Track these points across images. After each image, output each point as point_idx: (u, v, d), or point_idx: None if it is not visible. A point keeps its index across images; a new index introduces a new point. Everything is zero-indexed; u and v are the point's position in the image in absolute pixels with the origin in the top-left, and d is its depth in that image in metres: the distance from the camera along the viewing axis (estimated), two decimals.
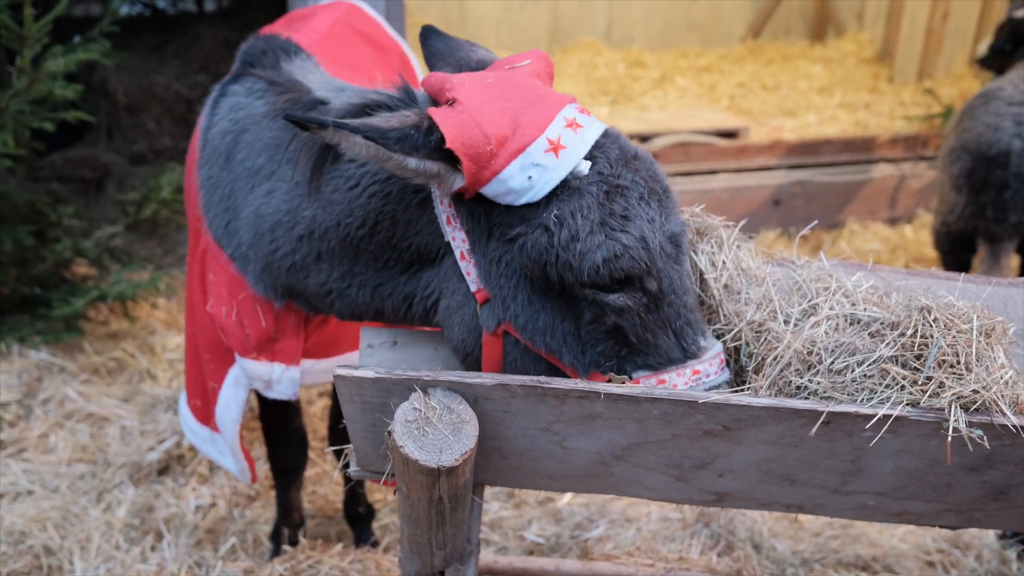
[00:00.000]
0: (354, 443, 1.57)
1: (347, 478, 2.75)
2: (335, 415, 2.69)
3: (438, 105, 1.46)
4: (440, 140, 1.36)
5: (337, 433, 2.60)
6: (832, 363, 1.43)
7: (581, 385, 1.36)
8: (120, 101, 5.74)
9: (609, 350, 1.46)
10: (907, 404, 1.36)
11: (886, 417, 1.34)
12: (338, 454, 2.57)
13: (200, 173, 2.03)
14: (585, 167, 1.42)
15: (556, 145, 1.39)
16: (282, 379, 2.07)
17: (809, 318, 1.52)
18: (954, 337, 1.40)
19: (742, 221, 1.78)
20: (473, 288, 1.51)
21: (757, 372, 1.51)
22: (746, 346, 1.55)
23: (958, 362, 1.38)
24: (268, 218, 1.78)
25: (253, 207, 1.83)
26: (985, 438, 1.34)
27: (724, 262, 1.64)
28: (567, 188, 1.41)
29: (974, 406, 1.36)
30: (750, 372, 1.52)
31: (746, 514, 2.89)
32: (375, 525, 2.90)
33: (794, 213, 5.43)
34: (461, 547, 1.68)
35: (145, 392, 3.60)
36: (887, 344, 1.42)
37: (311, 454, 3.17)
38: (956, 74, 6.71)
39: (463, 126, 1.36)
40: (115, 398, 3.56)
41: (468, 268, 1.51)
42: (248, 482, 2.41)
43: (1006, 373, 1.39)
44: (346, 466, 1.68)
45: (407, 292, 1.66)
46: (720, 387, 1.49)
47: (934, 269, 1.81)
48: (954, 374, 1.38)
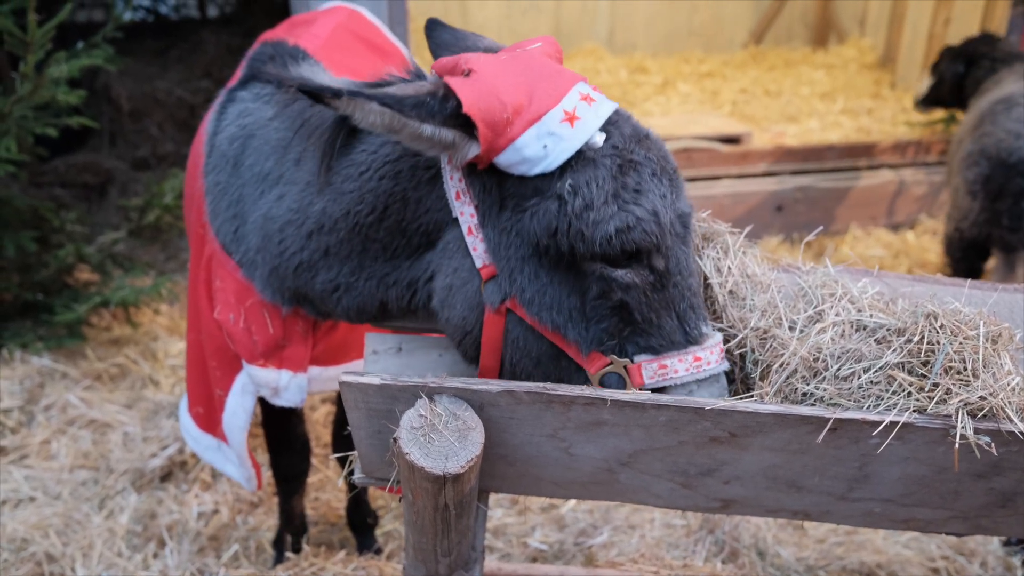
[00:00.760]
0: (359, 450, 1.56)
1: (351, 485, 2.75)
2: (339, 421, 2.68)
3: None
4: (456, 107, 1.36)
5: (341, 440, 2.59)
6: (838, 370, 1.43)
7: (587, 392, 1.36)
8: (123, 106, 5.75)
9: (613, 327, 1.45)
10: (914, 411, 1.36)
11: (893, 424, 1.34)
12: (342, 461, 2.56)
13: (206, 179, 2.02)
14: (600, 139, 1.42)
15: (571, 116, 1.40)
16: (290, 386, 2.06)
17: (815, 324, 1.52)
18: (961, 343, 1.39)
19: (748, 227, 1.78)
20: (479, 264, 1.50)
21: (763, 379, 1.50)
22: (752, 353, 1.54)
23: (965, 368, 1.38)
24: (278, 219, 1.78)
25: (263, 211, 1.83)
26: (992, 445, 1.34)
27: (729, 268, 1.64)
28: (581, 159, 1.41)
29: (981, 413, 1.35)
30: (756, 379, 1.52)
31: (750, 521, 2.88)
32: (378, 532, 2.89)
33: (796, 219, 5.43)
34: (466, 554, 1.67)
35: (148, 398, 3.59)
36: (893, 350, 1.42)
37: (314, 460, 3.16)
38: None
39: (480, 93, 1.36)
40: (118, 404, 3.56)
41: (475, 243, 1.50)
42: (254, 489, 2.41)
43: (1013, 379, 1.39)
44: (350, 473, 1.67)
45: (411, 278, 1.66)
46: (719, 376, 1.49)
47: (939, 275, 1.80)
48: (961, 380, 1.37)
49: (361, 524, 2.81)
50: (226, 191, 1.96)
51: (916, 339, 1.41)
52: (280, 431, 2.54)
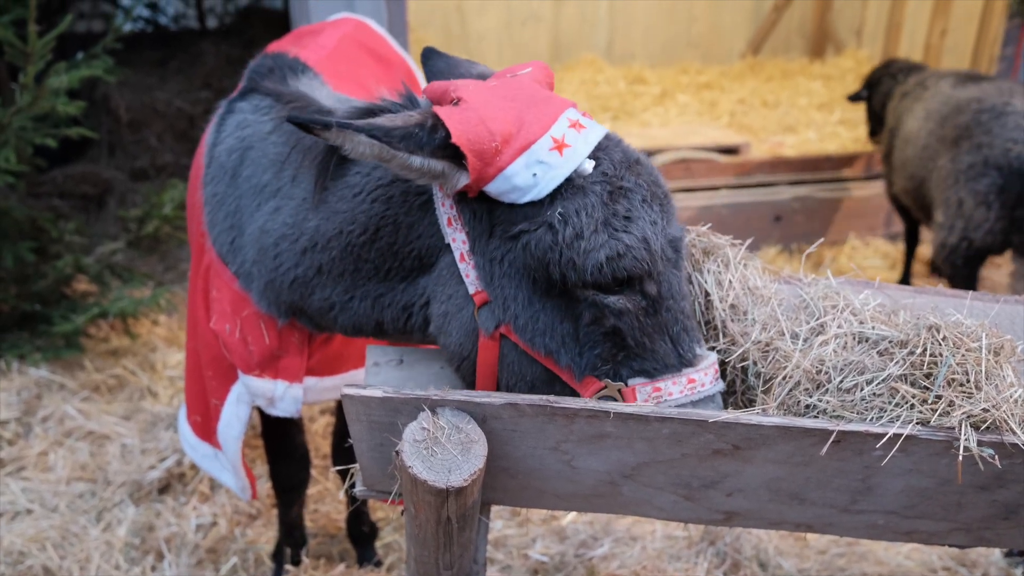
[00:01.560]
0: (360, 462, 1.56)
1: (352, 497, 2.73)
2: (339, 433, 2.67)
3: None
4: (445, 137, 1.36)
5: (342, 452, 2.58)
6: (841, 382, 1.43)
7: (591, 404, 1.35)
8: (122, 117, 5.76)
9: (606, 353, 1.45)
10: (917, 423, 1.36)
11: (896, 436, 1.34)
12: (343, 474, 2.56)
13: (205, 190, 2.03)
14: (589, 166, 1.42)
15: (560, 144, 1.40)
16: (285, 396, 2.06)
17: (817, 336, 1.52)
18: (963, 356, 1.39)
19: (748, 240, 1.78)
20: (472, 290, 1.50)
21: (766, 391, 1.50)
22: (754, 365, 1.54)
23: (967, 381, 1.38)
24: (273, 233, 1.79)
25: (259, 223, 1.83)
26: (996, 457, 1.33)
27: (730, 281, 1.64)
28: (571, 186, 1.41)
29: (984, 425, 1.35)
30: (759, 391, 1.52)
31: (752, 532, 2.87)
32: (378, 544, 2.88)
33: (795, 229, 5.44)
34: (468, 567, 1.66)
35: (146, 410, 3.58)
36: (896, 363, 1.42)
37: (313, 472, 3.15)
38: None
39: (468, 123, 1.36)
40: (115, 416, 3.54)
41: (467, 270, 1.50)
42: (248, 499, 2.40)
43: (1016, 391, 1.39)
44: (351, 486, 1.66)
45: (406, 302, 1.66)
46: (714, 396, 1.49)
47: (941, 287, 1.81)
48: (964, 393, 1.37)
49: (361, 536, 2.80)
50: (224, 202, 1.97)
51: (919, 351, 1.41)
52: (279, 441, 2.54)
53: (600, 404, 1.36)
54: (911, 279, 5.05)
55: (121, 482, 3.14)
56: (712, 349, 1.62)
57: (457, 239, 1.50)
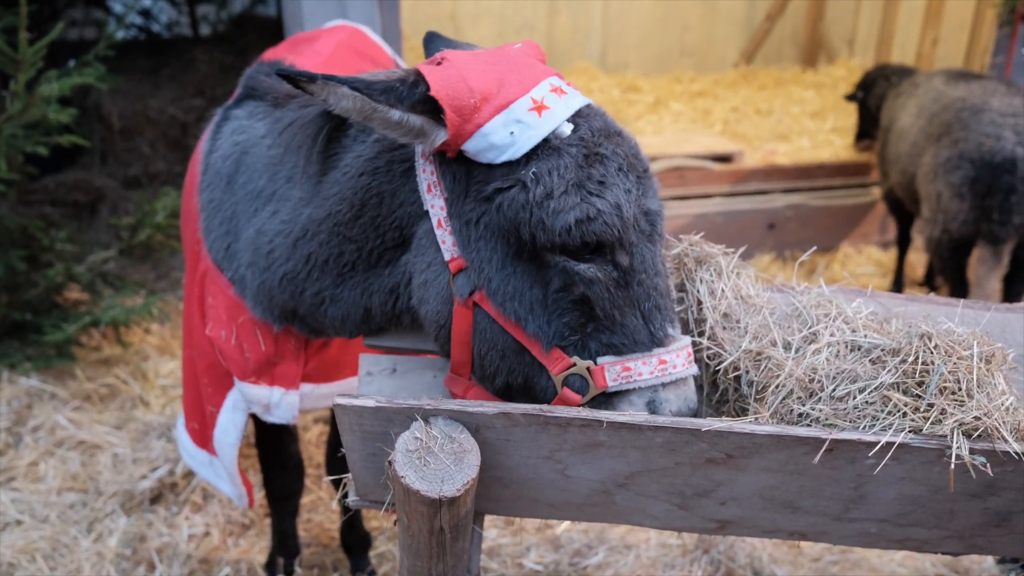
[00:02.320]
0: (353, 472, 1.55)
1: (345, 508, 2.72)
2: (332, 442, 2.67)
3: None
4: (424, 91, 1.39)
5: (335, 461, 2.58)
6: (834, 390, 1.43)
7: (584, 414, 1.35)
8: (114, 125, 5.74)
9: (574, 322, 1.44)
10: (909, 431, 1.36)
11: (889, 444, 1.34)
12: (336, 483, 2.55)
13: (201, 196, 2.04)
14: (567, 129, 1.43)
15: (540, 105, 1.42)
16: (281, 403, 2.06)
17: (810, 345, 1.52)
18: (955, 364, 1.40)
19: (741, 248, 1.78)
20: (447, 256, 1.50)
21: (759, 400, 1.50)
22: (747, 374, 1.54)
23: (959, 389, 1.38)
24: (269, 233, 1.80)
25: (256, 227, 1.85)
26: (988, 465, 1.34)
27: (723, 290, 1.64)
28: (547, 148, 1.42)
29: (976, 433, 1.36)
30: (752, 400, 1.52)
31: (746, 540, 2.87)
32: (372, 553, 2.86)
33: (788, 237, 5.46)
34: None
35: (138, 419, 3.56)
36: (888, 371, 1.42)
37: (306, 481, 3.14)
38: None
39: (448, 79, 1.39)
40: (107, 425, 3.52)
41: (444, 236, 1.51)
42: (245, 507, 2.39)
43: (1007, 399, 1.39)
44: (344, 496, 1.66)
45: (392, 284, 1.66)
46: (686, 380, 1.48)
47: (932, 295, 1.81)
48: (956, 401, 1.38)
49: (355, 546, 2.79)
50: (220, 208, 1.98)
51: (911, 359, 1.42)
52: (273, 449, 2.53)
53: (593, 413, 1.36)
54: (903, 279, 5.17)
55: (112, 492, 3.12)
56: (704, 357, 1.62)
57: (436, 205, 1.51)
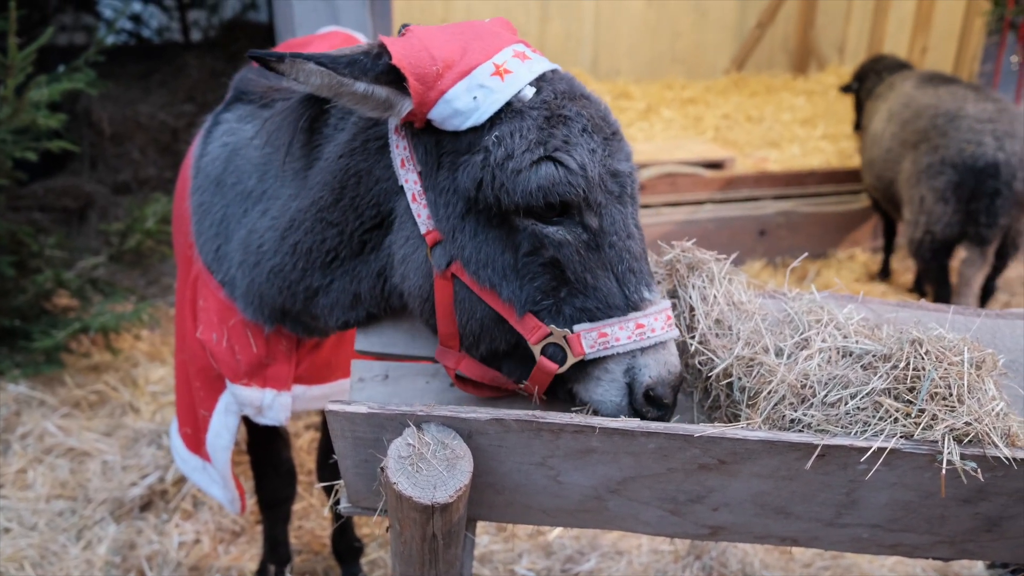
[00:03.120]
0: (345, 479, 1.55)
1: (337, 514, 2.71)
2: (323, 449, 2.65)
3: None
4: (387, 62, 1.40)
5: (326, 468, 2.57)
6: (826, 396, 1.43)
7: (577, 419, 1.35)
8: (105, 130, 5.72)
9: (546, 285, 1.44)
10: (901, 437, 1.36)
11: (880, 450, 1.34)
12: (328, 490, 2.53)
13: (192, 200, 2.04)
14: (530, 92, 1.44)
15: (502, 69, 1.43)
16: (273, 405, 2.05)
17: (802, 351, 1.52)
18: (946, 369, 1.40)
19: (733, 254, 1.78)
20: (424, 229, 1.51)
21: (751, 406, 1.50)
22: (739, 380, 1.55)
23: (950, 394, 1.39)
24: (260, 230, 1.81)
25: (247, 227, 1.85)
26: (978, 470, 1.34)
27: (715, 296, 1.64)
28: (510, 111, 1.43)
29: (967, 438, 1.36)
30: (744, 406, 1.52)
31: (738, 546, 2.87)
32: (364, 560, 2.85)
33: (779, 243, 5.48)
34: None
35: (127, 426, 3.54)
36: (880, 377, 1.43)
37: (298, 488, 3.12)
38: None
39: (410, 48, 1.41)
40: (96, 432, 3.50)
41: (419, 210, 1.51)
42: (237, 512, 2.38)
43: (997, 405, 1.40)
44: (336, 502, 1.65)
45: (379, 268, 1.67)
46: (667, 343, 1.46)
47: (923, 301, 1.82)
48: (946, 406, 1.38)
49: (346, 552, 2.78)
50: (210, 210, 1.98)
51: (902, 365, 1.42)
52: (265, 454, 2.52)
53: (586, 419, 1.36)
54: (889, 268, 5.38)
55: (102, 499, 3.10)
56: (696, 363, 1.62)
57: (409, 179, 1.52)
